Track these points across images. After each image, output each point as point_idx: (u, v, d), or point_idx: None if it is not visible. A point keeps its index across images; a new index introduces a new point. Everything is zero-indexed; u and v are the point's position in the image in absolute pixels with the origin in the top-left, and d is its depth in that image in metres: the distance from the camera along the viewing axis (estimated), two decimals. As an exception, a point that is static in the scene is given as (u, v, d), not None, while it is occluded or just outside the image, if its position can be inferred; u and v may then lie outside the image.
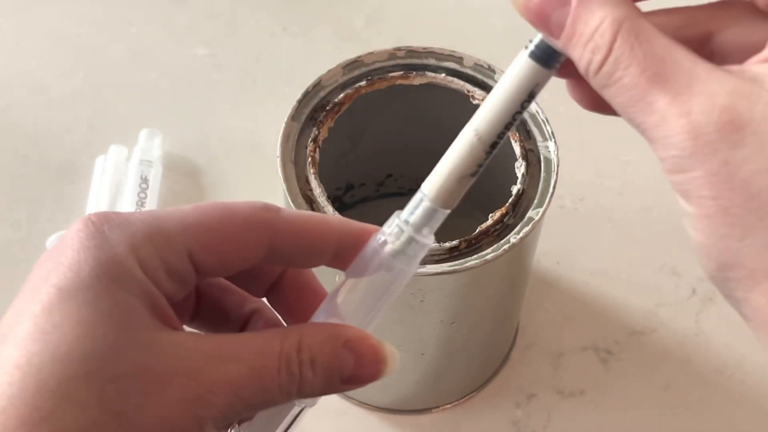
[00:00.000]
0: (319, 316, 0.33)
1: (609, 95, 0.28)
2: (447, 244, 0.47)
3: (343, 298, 0.32)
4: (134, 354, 0.29)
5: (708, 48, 0.30)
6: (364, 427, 0.58)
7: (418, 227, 0.31)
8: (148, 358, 0.29)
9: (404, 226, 0.31)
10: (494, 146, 0.31)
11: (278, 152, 0.49)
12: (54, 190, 0.67)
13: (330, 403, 0.59)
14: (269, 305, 0.36)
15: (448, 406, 0.59)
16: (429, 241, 0.31)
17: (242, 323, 0.35)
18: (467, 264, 0.46)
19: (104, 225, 0.30)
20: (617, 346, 0.62)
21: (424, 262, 0.46)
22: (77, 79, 0.73)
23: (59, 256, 0.30)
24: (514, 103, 0.30)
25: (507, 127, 0.30)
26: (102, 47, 0.75)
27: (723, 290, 0.28)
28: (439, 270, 0.45)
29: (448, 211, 0.31)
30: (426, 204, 0.31)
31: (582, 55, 0.28)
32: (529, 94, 0.30)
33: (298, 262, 0.33)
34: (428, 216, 0.31)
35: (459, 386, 0.59)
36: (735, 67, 0.28)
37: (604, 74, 0.28)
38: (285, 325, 0.35)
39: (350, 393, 0.59)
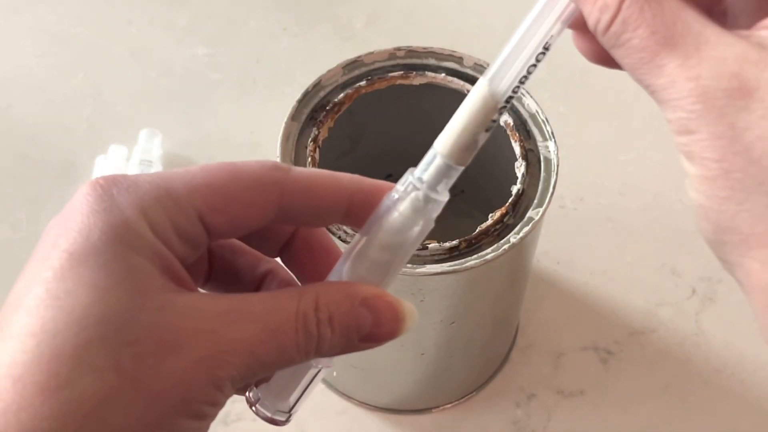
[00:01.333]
0: (335, 275, 0.32)
1: (618, 55, 0.29)
2: (447, 244, 0.47)
3: (359, 256, 0.31)
4: (148, 317, 0.28)
5: (720, 7, 0.30)
6: (364, 427, 0.58)
7: (432, 184, 0.31)
8: (163, 321, 0.29)
9: (418, 184, 0.31)
10: (508, 101, 0.30)
11: (278, 152, 0.49)
12: (54, 190, 0.67)
13: (330, 403, 0.59)
14: (283, 265, 0.35)
15: (448, 406, 0.59)
16: (444, 198, 0.31)
17: (256, 284, 0.35)
18: (467, 264, 0.46)
19: (113, 188, 0.30)
20: (617, 346, 0.62)
21: (424, 263, 0.46)
22: (77, 79, 0.73)
23: (67, 221, 0.30)
24: (529, 56, 0.30)
25: (522, 81, 0.30)
26: (102, 47, 0.75)
27: (719, 254, 0.29)
28: (439, 270, 0.45)
29: (462, 168, 0.31)
30: (439, 161, 0.31)
31: (591, 12, 0.29)
32: (545, 46, 0.30)
33: (310, 221, 0.33)
34: (442, 173, 0.31)
35: (459, 386, 0.59)
36: (744, 32, 0.28)
37: (612, 34, 0.28)
38: (299, 284, 0.35)
39: (350, 393, 0.59)
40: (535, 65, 0.30)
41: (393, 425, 0.58)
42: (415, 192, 0.31)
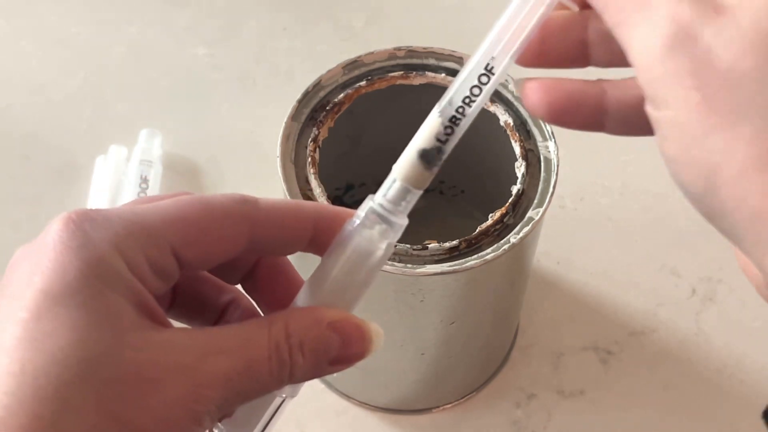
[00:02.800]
0: (301, 301, 0.33)
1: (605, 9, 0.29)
2: (447, 244, 0.47)
3: (323, 281, 0.32)
4: (128, 356, 0.29)
5: None
6: (364, 427, 0.58)
7: (392, 209, 0.32)
8: (142, 359, 0.29)
9: (379, 209, 0.31)
10: (454, 120, 0.31)
11: (278, 152, 0.49)
12: (54, 190, 0.67)
13: (330, 403, 0.59)
14: (245, 293, 0.36)
15: (448, 406, 0.59)
16: (402, 222, 0.32)
17: (219, 313, 0.35)
18: (467, 264, 0.46)
19: (86, 223, 0.30)
20: (617, 346, 0.62)
21: (424, 263, 0.46)
22: (77, 79, 0.73)
23: (40, 257, 0.29)
24: (471, 77, 0.31)
25: (466, 101, 0.31)
26: (102, 47, 0.75)
27: (710, 207, 0.28)
28: (439, 270, 0.45)
29: (420, 192, 0.32)
30: (397, 185, 0.32)
31: None
32: (487, 68, 0.31)
33: (276, 250, 0.33)
34: (400, 196, 0.32)
35: (459, 386, 0.59)
36: None
37: None
38: (261, 313, 0.35)
39: (350, 393, 0.59)
40: (479, 87, 0.31)
41: (393, 425, 0.58)
42: (375, 216, 0.32)
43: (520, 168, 0.49)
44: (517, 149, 0.50)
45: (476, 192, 0.63)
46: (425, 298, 0.48)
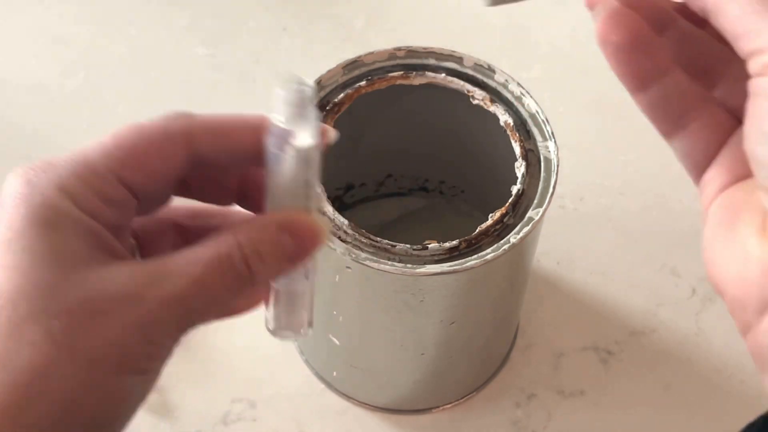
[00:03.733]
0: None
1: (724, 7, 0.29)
2: (447, 244, 0.47)
3: (270, 191, 0.34)
4: (75, 290, 0.31)
5: None
6: (364, 427, 0.58)
7: (296, 114, 0.33)
8: (90, 291, 0.31)
9: (284, 111, 0.33)
10: None
11: (278, 152, 0.49)
12: (54, 190, 0.67)
13: (330, 402, 0.59)
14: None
15: (448, 406, 0.59)
16: (313, 114, 0.33)
17: None
18: (467, 264, 0.46)
19: (30, 172, 0.32)
20: (617, 346, 0.62)
21: (424, 263, 0.46)
22: (77, 79, 0.73)
23: None
24: None
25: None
26: (102, 47, 0.75)
27: None
28: (439, 270, 0.46)
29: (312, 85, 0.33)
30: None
31: None
32: None
33: (225, 160, 0.35)
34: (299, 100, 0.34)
35: (459, 386, 0.59)
36: None
37: None
38: None
39: (351, 393, 0.59)
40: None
41: (393, 425, 0.58)
42: (285, 119, 0.33)
43: (520, 168, 0.49)
44: (517, 149, 0.50)
45: (476, 192, 0.63)
46: (425, 298, 0.48)
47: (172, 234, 0.37)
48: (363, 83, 0.52)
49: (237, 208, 0.37)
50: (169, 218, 0.37)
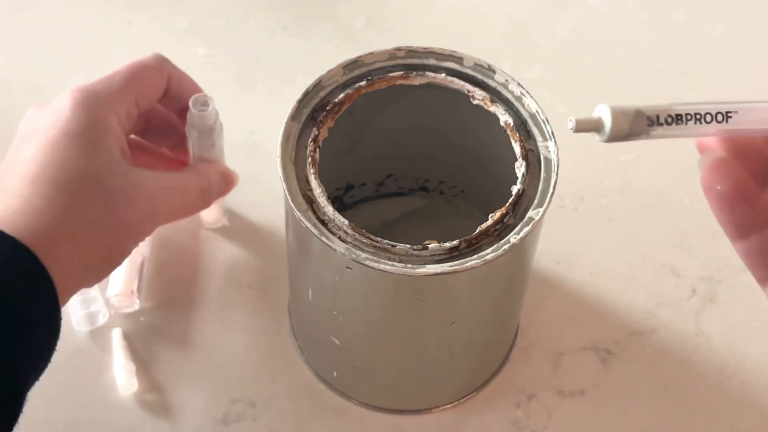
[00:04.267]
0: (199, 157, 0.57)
1: None
2: (447, 244, 0.47)
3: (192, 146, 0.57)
4: (117, 179, 0.47)
5: None
6: (364, 427, 0.58)
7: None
8: (125, 183, 0.48)
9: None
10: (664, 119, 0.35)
11: (278, 152, 0.49)
12: (54, 190, 0.67)
13: (330, 403, 0.59)
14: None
15: (448, 406, 0.59)
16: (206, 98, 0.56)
17: (178, 137, 0.58)
18: (467, 264, 0.46)
19: (79, 94, 0.49)
20: (617, 346, 0.62)
21: (424, 263, 0.46)
22: (77, 79, 0.73)
23: (58, 113, 0.48)
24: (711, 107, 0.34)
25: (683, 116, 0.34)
26: (102, 47, 0.75)
27: None
28: (439, 270, 0.45)
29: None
30: None
31: None
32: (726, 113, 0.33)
33: (177, 104, 0.56)
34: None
35: (459, 386, 0.59)
36: None
37: None
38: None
39: (351, 393, 0.59)
40: (702, 118, 0.33)
41: (393, 425, 0.58)
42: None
43: (520, 168, 0.49)
44: (517, 149, 0.50)
45: (476, 192, 0.63)
46: (425, 298, 0.48)
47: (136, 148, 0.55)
48: (363, 83, 0.52)
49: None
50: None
